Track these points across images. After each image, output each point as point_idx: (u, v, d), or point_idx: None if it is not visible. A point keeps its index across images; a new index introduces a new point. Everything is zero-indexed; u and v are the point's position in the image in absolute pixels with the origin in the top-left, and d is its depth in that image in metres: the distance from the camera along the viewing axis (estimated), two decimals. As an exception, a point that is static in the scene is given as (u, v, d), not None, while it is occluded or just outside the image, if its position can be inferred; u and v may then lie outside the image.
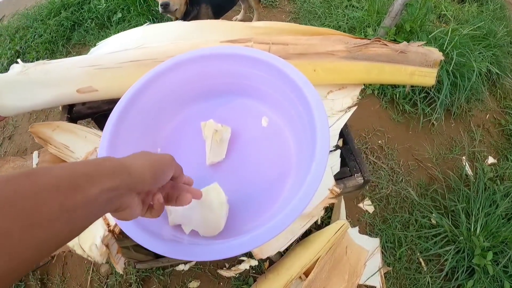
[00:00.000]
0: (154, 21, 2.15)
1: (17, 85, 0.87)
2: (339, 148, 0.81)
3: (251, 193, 0.67)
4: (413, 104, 1.85)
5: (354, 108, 0.84)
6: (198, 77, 0.76)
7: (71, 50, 2.24)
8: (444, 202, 1.56)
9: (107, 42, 1.03)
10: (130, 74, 0.85)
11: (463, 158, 1.75)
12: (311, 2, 2.47)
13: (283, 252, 1.32)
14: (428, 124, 1.84)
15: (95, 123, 1.06)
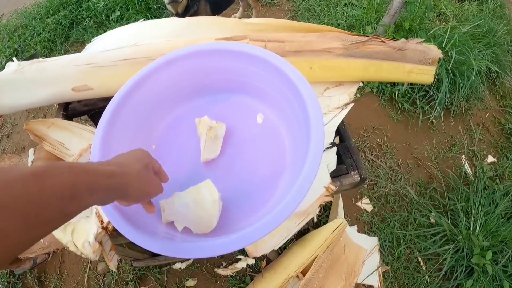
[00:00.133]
0: (152, 18, 2.15)
1: (12, 83, 0.87)
2: (335, 145, 0.80)
3: (246, 190, 0.66)
4: (412, 103, 1.84)
5: (351, 105, 0.83)
6: (193, 73, 0.75)
7: (70, 48, 2.23)
8: (443, 201, 1.55)
9: (102, 38, 1.03)
10: (125, 72, 0.84)
11: (463, 157, 1.74)
12: (309, 0, 2.46)
13: (280, 251, 1.32)
14: (427, 123, 1.84)
15: (92, 120, 1.05)
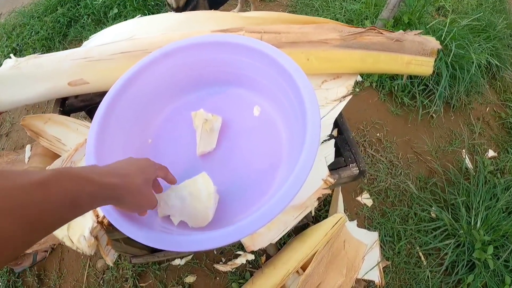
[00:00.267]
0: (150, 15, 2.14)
1: (9, 79, 0.86)
2: (333, 137, 0.79)
3: (242, 183, 0.65)
4: (412, 97, 1.82)
5: (349, 97, 0.83)
6: (189, 66, 0.75)
7: (68, 46, 2.23)
8: (444, 196, 1.55)
9: (100, 35, 1.03)
10: (121, 66, 0.84)
11: (463, 151, 1.73)
12: (308, -6, 2.44)
13: (280, 246, 1.31)
14: (427, 117, 1.82)
15: (89, 116, 1.05)
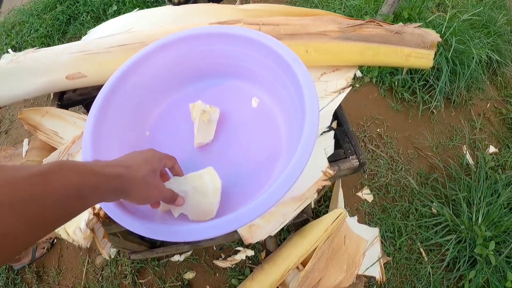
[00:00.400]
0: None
1: (7, 74, 0.86)
2: (333, 129, 0.78)
3: (241, 176, 0.64)
4: (412, 92, 1.82)
5: (348, 90, 0.82)
6: (186, 58, 0.74)
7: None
8: (445, 191, 1.54)
9: (98, 29, 1.02)
10: (119, 59, 0.83)
11: (464, 147, 1.73)
12: (307, -10, 2.43)
13: (280, 242, 1.31)
14: (427, 113, 1.82)
15: (86, 110, 1.04)
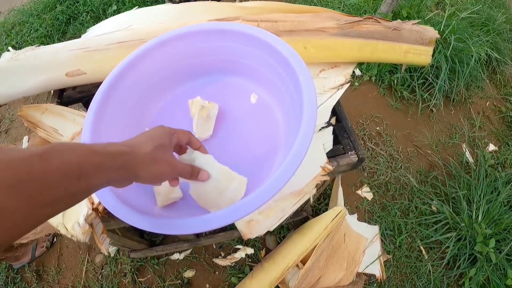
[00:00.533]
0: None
1: (7, 71, 0.86)
2: (331, 125, 0.79)
3: (240, 171, 0.64)
4: (411, 91, 1.82)
5: (346, 85, 0.82)
6: (186, 55, 0.74)
7: (67, 44, 2.23)
8: (445, 189, 1.54)
9: (97, 27, 1.02)
10: (118, 56, 0.83)
11: (463, 145, 1.73)
12: (306, -11, 2.43)
13: (279, 240, 1.31)
14: (427, 111, 1.82)
15: (86, 107, 1.04)
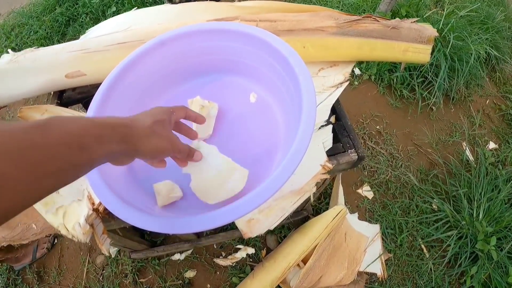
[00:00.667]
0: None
1: (7, 73, 0.86)
2: (331, 123, 0.79)
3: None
4: (411, 89, 1.82)
5: (346, 84, 0.82)
6: (184, 55, 0.74)
7: (67, 46, 2.23)
8: (445, 187, 1.54)
9: (97, 28, 1.02)
10: (118, 56, 0.83)
11: (464, 143, 1.73)
12: (305, -11, 2.43)
13: (280, 240, 1.30)
14: (427, 109, 1.82)
15: (85, 108, 1.05)
